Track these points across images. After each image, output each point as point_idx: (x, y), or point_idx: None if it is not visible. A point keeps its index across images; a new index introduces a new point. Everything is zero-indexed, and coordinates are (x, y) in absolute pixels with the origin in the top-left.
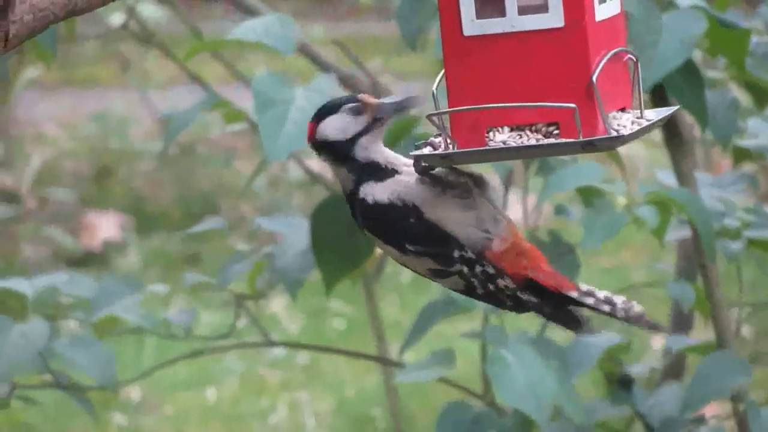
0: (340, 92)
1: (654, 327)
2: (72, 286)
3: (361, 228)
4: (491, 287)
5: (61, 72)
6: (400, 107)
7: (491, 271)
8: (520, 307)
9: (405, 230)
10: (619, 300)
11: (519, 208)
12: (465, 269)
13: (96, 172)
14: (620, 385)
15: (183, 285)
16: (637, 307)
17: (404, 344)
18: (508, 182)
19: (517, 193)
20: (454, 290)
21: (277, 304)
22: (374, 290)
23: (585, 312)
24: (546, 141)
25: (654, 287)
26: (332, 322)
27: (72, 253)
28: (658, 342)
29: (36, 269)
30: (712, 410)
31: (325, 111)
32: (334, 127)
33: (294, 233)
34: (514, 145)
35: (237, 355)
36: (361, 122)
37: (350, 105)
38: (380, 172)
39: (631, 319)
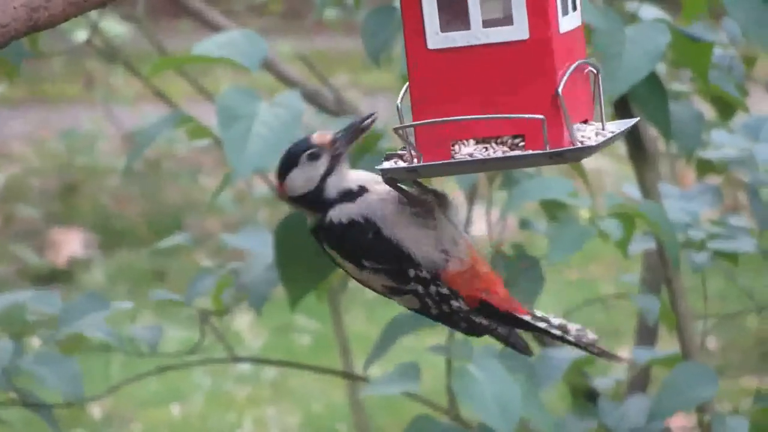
0: (306, 108)
1: (606, 355)
2: (38, 303)
3: (321, 245)
4: (445, 308)
5: (27, 88)
6: (355, 133)
7: (445, 291)
8: (473, 329)
9: (362, 246)
10: (573, 327)
11: (483, 221)
12: (420, 288)
13: (62, 189)
14: (586, 398)
15: (149, 301)
16: (590, 335)
17: (369, 358)
18: (472, 196)
19: (481, 206)
20: (410, 308)
21: (241, 320)
22: (340, 305)
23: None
24: (512, 153)
25: (621, 299)
26: (297, 338)
27: (38, 270)
28: (623, 354)
29: (1, 286)
30: (678, 422)
31: (287, 167)
32: (301, 181)
33: (259, 249)
34: (480, 157)
35: (204, 371)
36: (322, 165)
37: (307, 153)
38: (352, 194)
39: (584, 345)
